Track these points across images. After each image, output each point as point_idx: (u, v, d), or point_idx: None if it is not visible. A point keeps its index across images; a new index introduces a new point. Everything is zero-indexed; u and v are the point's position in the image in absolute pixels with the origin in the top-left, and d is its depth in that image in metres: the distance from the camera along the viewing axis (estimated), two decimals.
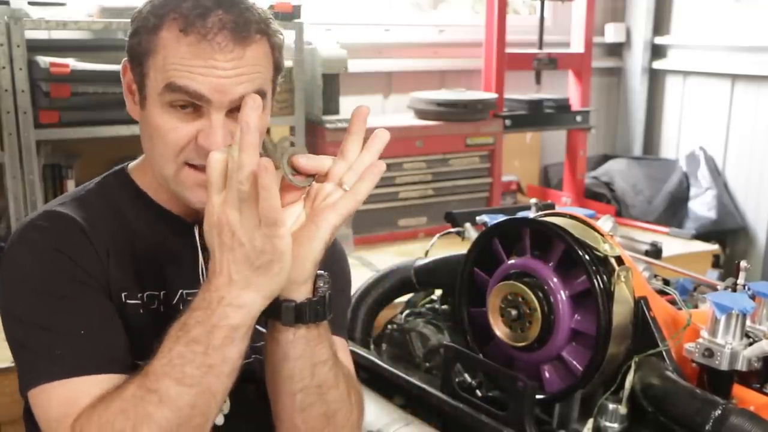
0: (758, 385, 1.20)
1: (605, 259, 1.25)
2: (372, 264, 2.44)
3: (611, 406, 1.22)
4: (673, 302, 1.35)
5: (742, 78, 3.30)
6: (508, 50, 3.08)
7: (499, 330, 1.32)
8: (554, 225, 1.29)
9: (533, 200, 1.74)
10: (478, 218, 1.78)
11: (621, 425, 1.21)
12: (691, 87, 3.56)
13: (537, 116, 3.16)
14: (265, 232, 0.80)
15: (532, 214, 1.55)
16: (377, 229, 2.82)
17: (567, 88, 3.36)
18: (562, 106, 3.22)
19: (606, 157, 3.69)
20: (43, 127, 2.16)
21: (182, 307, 0.88)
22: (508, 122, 3.03)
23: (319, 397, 0.96)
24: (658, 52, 3.66)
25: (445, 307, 1.64)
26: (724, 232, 3.30)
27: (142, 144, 1.01)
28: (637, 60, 3.68)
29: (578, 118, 3.25)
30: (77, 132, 2.22)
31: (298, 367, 0.93)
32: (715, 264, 2.90)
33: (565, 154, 3.41)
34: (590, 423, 1.23)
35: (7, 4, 2.15)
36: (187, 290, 1.02)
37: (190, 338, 0.84)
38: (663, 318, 1.28)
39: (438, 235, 1.83)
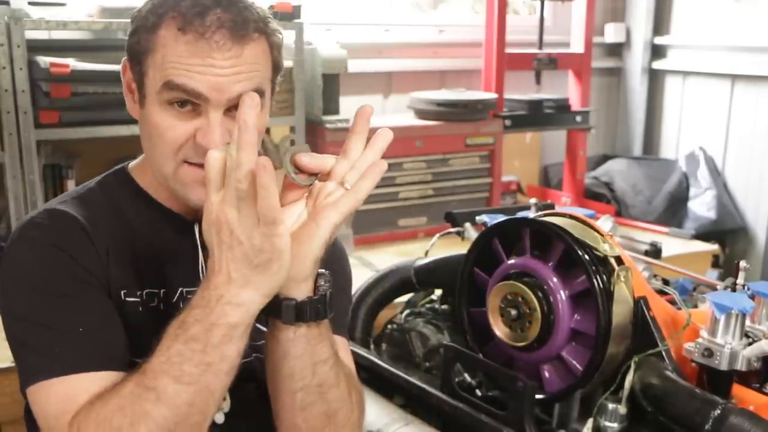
0: (758, 385, 1.20)
1: (605, 259, 1.25)
2: (372, 264, 2.44)
3: (611, 406, 1.22)
4: (672, 302, 1.35)
5: (741, 78, 3.30)
6: (508, 50, 3.08)
7: (499, 330, 1.32)
8: (554, 225, 1.29)
9: (533, 200, 1.74)
10: (478, 218, 1.78)
11: (621, 425, 1.21)
12: (691, 87, 3.56)
13: (537, 116, 3.16)
14: (264, 231, 0.80)
15: (531, 214, 1.55)
16: (377, 229, 2.82)
17: (567, 88, 3.36)
18: (562, 106, 3.22)
19: (606, 157, 3.69)
20: (44, 127, 2.16)
21: (182, 306, 0.88)
22: (508, 122, 3.03)
23: (320, 396, 0.96)
24: (657, 52, 3.66)
25: (445, 307, 1.64)
26: (723, 232, 3.30)
27: (142, 143, 1.02)
28: (636, 60, 3.68)
29: (578, 118, 3.25)
30: (77, 132, 2.22)
31: (299, 366, 0.93)
32: (715, 264, 2.90)
33: (565, 154, 3.41)
34: (590, 423, 1.23)
35: (8, 4, 2.15)
36: (187, 288, 1.02)
37: (189, 336, 0.84)
38: (662, 318, 1.28)
39: (438, 235, 1.84)
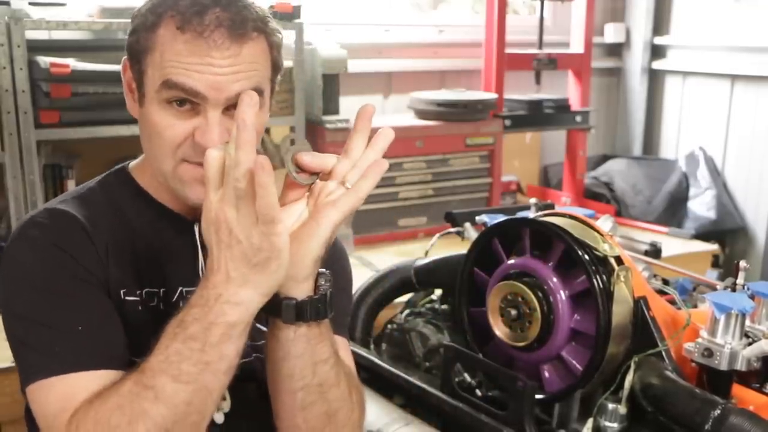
0: (758, 385, 1.21)
1: (605, 259, 1.25)
2: (372, 264, 2.44)
3: (611, 406, 1.22)
4: (672, 302, 1.35)
5: (741, 78, 3.30)
6: (508, 50, 3.08)
7: (499, 330, 1.32)
8: (554, 225, 1.29)
9: (533, 200, 1.74)
10: (477, 218, 1.78)
11: (620, 425, 1.21)
12: (691, 87, 3.56)
13: (537, 116, 3.16)
14: (262, 230, 0.80)
15: (531, 214, 1.55)
16: (377, 229, 2.82)
17: (567, 89, 3.36)
18: (562, 107, 3.22)
19: (606, 157, 3.69)
20: (44, 127, 2.16)
21: (181, 305, 0.88)
22: (508, 122, 3.03)
23: (320, 396, 0.96)
24: (657, 52, 3.66)
25: (445, 307, 1.64)
26: (723, 232, 3.30)
27: (142, 142, 1.02)
28: (636, 60, 3.68)
29: (578, 118, 3.25)
30: (77, 132, 2.22)
31: (299, 366, 0.93)
32: (715, 264, 2.90)
33: (565, 154, 3.41)
34: (590, 423, 1.23)
35: (8, 4, 2.14)
36: (187, 288, 1.02)
37: (187, 335, 0.84)
38: (662, 318, 1.28)
39: (438, 235, 1.84)
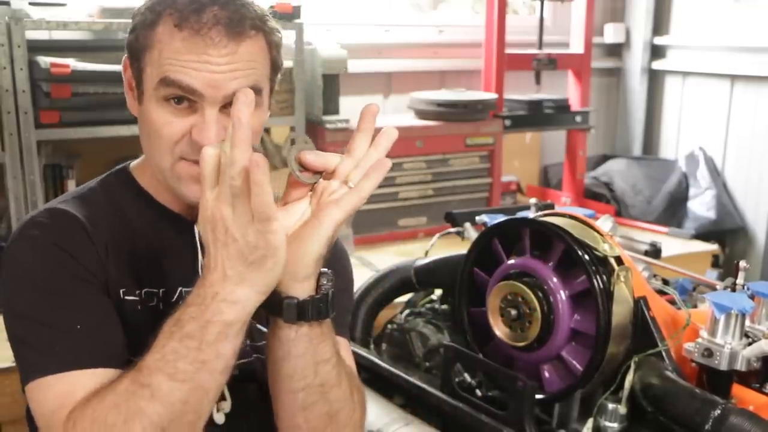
0: (757, 385, 1.21)
1: (605, 259, 1.25)
2: (372, 264, 2.44)
3: (611, 406, 1.22)
4: (672, 302, 1.35)
5: (741, 78, 3.30)
6: (508, 50, 3.08)
7: (499, 330, 1.32)
8: (554, 225, 1.30)
9: (533, 200, 1.74)
10: (477, 218, 1.78)
11: (620, 425, 1.22)
12: (691, 87, 3.56)
13: (537, 116, 3.16)
14: (258, 228, 0.80)
15: (531, 214, 1.55)
16: (377, 229, 2.82)
17: (567, 89, 3.36)
18: (562, 107, 3.22)
19: (605, 157, 3.69)
20: (44, 128, 2.16)
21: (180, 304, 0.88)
22: (508, 122, 3.03)
23: (322, 396, 0.95)
24: (657, 52, 3.66)
25: (445, 307, 1.64)
26: (723, 232, 3.30)
27: (141, 140, 1.02)
28: (636, 60, 3.68)
29: (578, 119, 3.25)
30: (78, 132, 2.22)
31: (300, 366, 0.92)
32: (715, 264, 2.90)
33: (565, 155, 3.41)
34: (590, 423, 1.23)
35: (8, 4, 2.15)
36: (186, 288, 1.01)
37: (184, 334, 0.83)
38: (662, 318, 1.28)
39: (438, 235, 1.84)
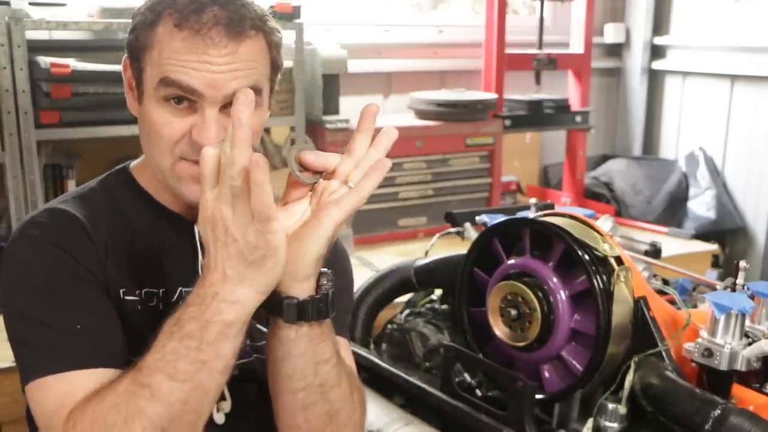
0: (757, 385, 1.21)
1: (605, 259, 1.25)
2: (372, 264, 2.44)
3: (611, 406, 1.22)
4: (672, 302, 1.35)
5: (741, 78, 3.30)
6: (508, 50, 3.08)
7: (499, 330, 1.32)
8: (554, 225, 1.29)
9: (533, 200, 1.74)
10: (477, 218, 1.78)
11: (620, 425, 1.22)
12: (691, 87, 3.56)
13: (537, 116, 3.16)
14: (258, 228, 0.80)
15: (531, 214, 1.55)
16: (377, 229, 2.82)
17: (567, 89, 3.36)
18: (562, 107, 3.22)
19: (605, 157, 3.69)
20: (44, 128, 2.16)
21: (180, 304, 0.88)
22: (508, 122, 3.03)
23: (322, 396, 0.95)
24: (657, 52, 3.66)
25: (445, 307, 1.64)
26: (723, 232, 3.30)
27: (141, 140, 1.02)
28: (636, 60, 3.68)
29: (578, 119, 3.25)
30: (78, 132, 2.22)
31: (301, 366, 0.92)
32: (715, 264, 2.90)
33: (565, 155, 3.41)
34: (590, 423, 1.23)
35: (8, 4, 2.15)
36: (187, 288, 1.01)
37: (184, 333, 0.83)
38: (662, 318, 1.28)
39: (438, 235, 1.84)
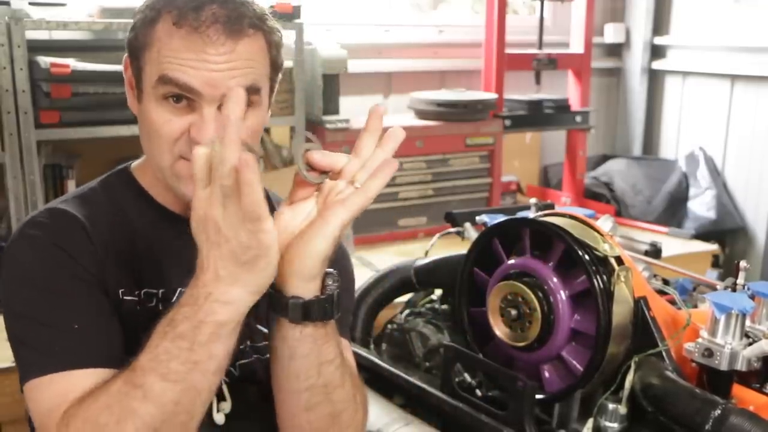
0: (758, 385, 1.21)
1: (605, 259, 1.25)
2: (372, 264, 2.44)
3: (611, 406, 1.22)
4: (672, 302, 1.35)
5: (741, 78, 3.30)
6: (508, 50, 3.08)
7: (499, 330, 1.32)
8: (554, 225, 1.29)
9: (533, 200, 1.74)
10: (478, 218, 1.78)
11: (621, 425, 1.21)
12: (691, 87, 3.56)
13: (537, 116, 3.16)
14: (249, 228, 0.79)
15: (531, 214, 1.55)
16: (377, 229, 2.82)
17: (567, 89, 3.36)
18: (562, 107, 3.22)
19: (605, 157, 3.69)
20: (44, 128, 2.16)
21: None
22: (508, 122, 3.03)
23: (325, 397, 0.95)
24: (657, 52, 3.66)
25: (445, 307, 1.64)
26: (723, 232, 3.30)
27: (141, 139, 1.02)
28: (636, 60, 3.68)
29: (578, 119, 3.25)
30: (78, 132, 2.22)
31: (305, 366, 0.92)
32: (715, 264, 2.91)
33: (565, 155, 3.41)
34: (590, 423, 1.23)
35: (8, 4, 2.15)
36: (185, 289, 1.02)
37: (177, 334, 0.83)
38: (663, 318, 1.28)
39: (438, 235, 1.84)
